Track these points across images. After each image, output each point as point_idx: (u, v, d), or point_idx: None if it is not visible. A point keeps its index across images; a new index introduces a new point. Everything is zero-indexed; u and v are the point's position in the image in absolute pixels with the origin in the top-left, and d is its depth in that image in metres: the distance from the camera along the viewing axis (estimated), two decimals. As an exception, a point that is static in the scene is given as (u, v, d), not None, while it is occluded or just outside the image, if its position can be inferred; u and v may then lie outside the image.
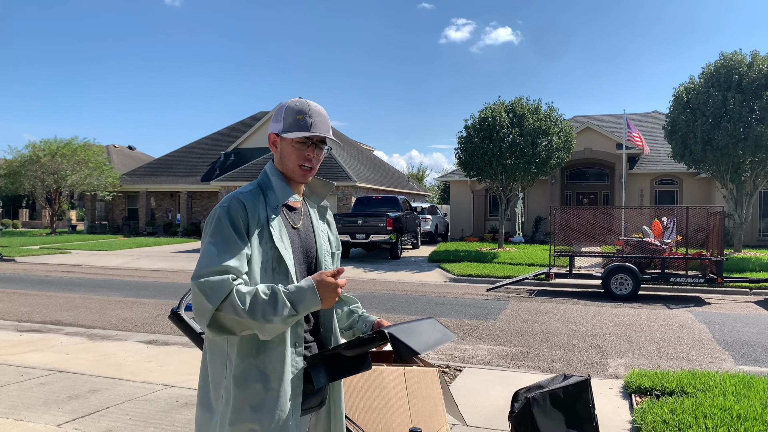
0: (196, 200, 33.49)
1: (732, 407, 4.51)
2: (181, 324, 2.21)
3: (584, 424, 4.09)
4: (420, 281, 14.68)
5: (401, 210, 20.05)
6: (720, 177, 18.02)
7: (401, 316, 9.61)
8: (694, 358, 7.05)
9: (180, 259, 18.89)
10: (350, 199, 26.95)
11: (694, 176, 24.93)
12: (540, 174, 20.04)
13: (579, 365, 6.66)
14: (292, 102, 1.91)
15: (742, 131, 16.33)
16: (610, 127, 28.22)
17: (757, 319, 9.74)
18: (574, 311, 10.43)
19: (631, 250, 13.17)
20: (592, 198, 28.13)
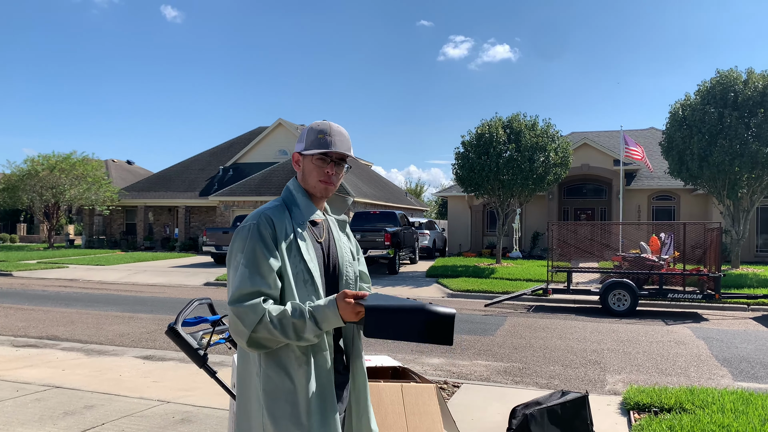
0: (194, 215, 33.49)
1: (730, 424, 4.50)
2: (178, 339, 2.21)
3: (582, 440, 4.08)
4: (418, 296, 14.64)
5: (399, 225, 20.06)
6: (717, 193, 18.09)
7: (399, 332, 9.57)
8: (693, 375, 7.03)
9: (177, 274, 18.85)
10: (348, 214, 26.95)
11: (691, 192, 25.01)
12: (537, 190, 20.10)
13: (577, 381, 6.64)
14: (315, 123, 2.05)
15: (738, 148, 16.42)
16: (607, 143, 28.35)
17: (756, 336, 9.72)
18: (572, 327, 10.40)
19: (629, 266, 13.18)
20: (590, 214, 28.19)
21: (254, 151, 34.68)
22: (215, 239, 21.39)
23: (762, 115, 16.25)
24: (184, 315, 2.34)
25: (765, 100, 16.45)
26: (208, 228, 22.07)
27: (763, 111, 16.27)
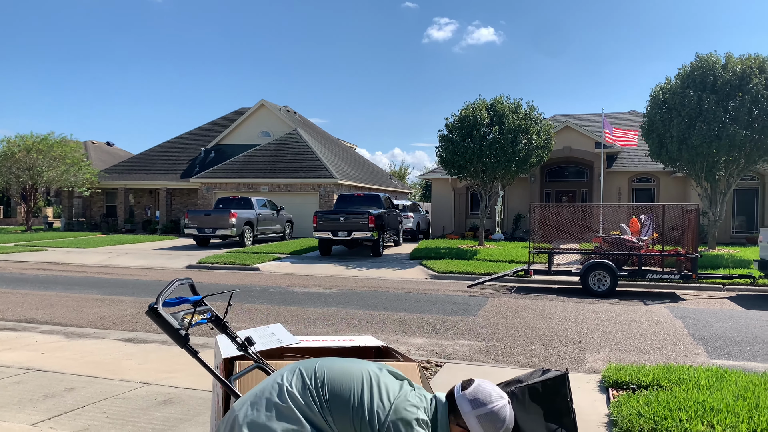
0: (175, 197, 33.19)
1: (705, 400, 4.61)
2: (159, 320, 2.21)
3: (563, 417, 4.14)
4: (401, 278, 14.72)
5: (383, 207, 20.08)
6: (695, 176, 18.32)
7: (382, 313, 9.64)
8: (670, 353, 7.17)
9: (159, 257, 18.72)
10: (332, 196, 26.90)
11: (671, 175, 25.31)
12: (520, 172, 20.20)
13: (557, 360, 6.74)
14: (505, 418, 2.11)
15: (716, 131, 16.61)
16: (589, 125, 28.52)
17: (730, 315, 9.94)
18: (553, 307, 10.54)
19: (609, 247, 13.35)
20: (571, 196, 28.43)
21: (236, 132, 34.37)
22: (197, 222, 21.24)
23: (739, 99, 16.44)
24: (165, 295, 2.33)
25: (743, 84, 16.62)
26: (190, 210, 21.88)
27: (741, 95, 16.45)
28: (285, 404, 1.92)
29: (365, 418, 1.88)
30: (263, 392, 2.01)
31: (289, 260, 18.02)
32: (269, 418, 1.91)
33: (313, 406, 1.92)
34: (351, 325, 8.61)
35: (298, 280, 14.30)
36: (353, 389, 1.93)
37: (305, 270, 16.14)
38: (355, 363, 2.07)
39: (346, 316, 9.28)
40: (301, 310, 9.89)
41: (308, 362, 2.10)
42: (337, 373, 1.98)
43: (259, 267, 16.37)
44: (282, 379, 2.01)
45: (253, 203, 22.60)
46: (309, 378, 1.99)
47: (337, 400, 1.92)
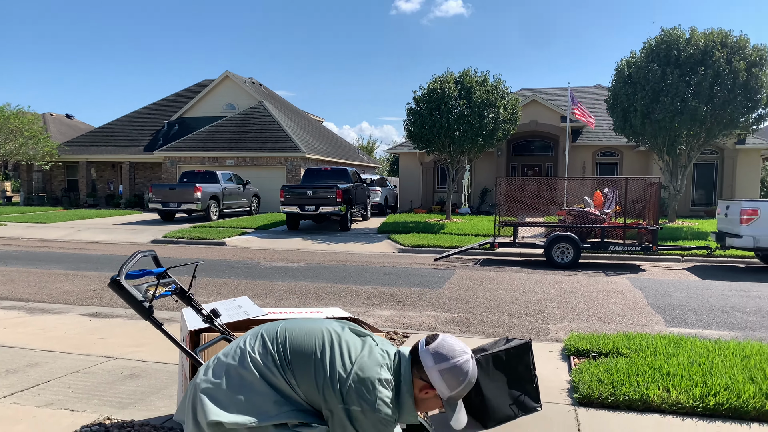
0: (139, 171, 32.49)
1: (662, 365, 4.78)
2: (122, 292, 2.18)
3: (525, 384, 4.27)
4: (369, 252, 14.78)
5: (351, 182, 20.02)
6: (657, 150, 18.70)
7: (350, 286, 9.69)
8: (629, 322, 7.40)
9: (123, 232, 18.38)
10: (299, 170, 26.70)
11: (634, 149, 25.79)
12: (487, 146, 20.32)
13: (521, 330, 6.89)
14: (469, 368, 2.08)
15: (679, 105, 16.93)
16: (555, 100, 28.76)
17: (688, 285, 10.27)
18: (518, 279, 10.74)
19: (573, 220, 13.61)
20: (537, 170, 28.77)
21: (200, 104, 33.67)
22: (162, 196, 20.86)
23: (702, 74, 16.75)
24: (128, 267, 2.30)
25: (706, 58, 16.93)
26: (154, 184, 21.46)
27: (704, 69, 16.76)
28: (247, 370, 1.92)
29: (327, 378, 1.89)
30: (226, 358, 2.00)
31: (256, 235, 17.90)
32: (231, 386, 1.91)
33: (275, 369, 1.92)
34: (319, 299, 8.64)
35: (266, 254, 14.23)
36: (315, 350, 1.93)
37: (273, 244, 16.07)
38: (316, 323, 2.06)
39: (314, 290, 9.30)
40: (269, 284, 9.87)
41: (270, 325, 2.08)
42: (299, 333, 1.98)
43: (225, 241, 16.23)
44: (245, 344, 2.00)
45: (218, 177, 22.29)
46: (271, 341, 1.98)
47: (299, 361, 1.92)
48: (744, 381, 4.42)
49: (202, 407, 1.89)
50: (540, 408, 4.25)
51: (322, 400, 1.91)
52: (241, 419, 1.85)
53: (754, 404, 4.06)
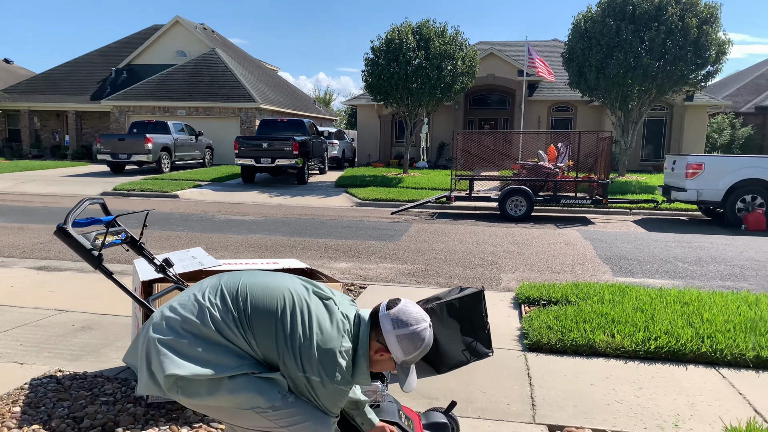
0: (86, 121, 31.22)
1: (608, 312, 4.99)
2: (69, 240, 2.11)
3: (478, 331, 4.39)
4: (327, 206, 14.73)
5: (308, 134, 19.73)
6: (611, 105, 19.02)
7: (308, 239, 9.67)
8: (578, 272, 7.66)
9: (71, 184, 17.77)
10: (254, 121, 26.15)
11: (588, 104, 26.17)
12: (445, 99, 20.26)
13: (475, 280, 7.05)
14: (425, 335, 2.07)
15: (632, 61, 17.17)
16: (513, 53, 28.74)
17: (634, 237, 10.65)
18: (472, 232, 10.92)
19: (527, 174, 13.82)
20: (493, 124, 28.95)
21: (150, 51, 32.33)
22: (110, 147, 20.15)
23: (655, 30, 16.96)
24: (74, 215, 2.22)
25: (660, 14, 17.12)
26: (102, 135, 20.68)
27: (657, 25, 16.96)
28: (206, 326, 1.89)
29: (288, 345, 1.88)
30: (183, 310, 1.96)
31: (210, 187, 17.58)
32: (189, 339, 1.88)
33: (235, 329, 1.90)
34: (276, 252, 8.61)
35: (220, 207, 14.03)
36: (277, 314, 1.90)
37: (227, 197, 15.83)
38: (280, 281, 2.03)
39: (271, 243, 9.26)
40: (224, 237, 9.76)
41: (231, 278, 2.04)
42: (261, 294, 1.95)
43: (178, 194, 15.90)
44: (204, 297, 1.96)
45: (169, 128, 21.63)
46: (231, 298, 1.95)
47: (260, 324, 1.90)
48: (683, 326, 4.66)
49: (158, 359, 1.86)
50: (491, 353, 4.39)
51: (281, 364, 1.91)
52: (199, 371, 1.84)
53: (691, 347, 4.30)
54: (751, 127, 29.50)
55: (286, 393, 1.91)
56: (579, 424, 3.32)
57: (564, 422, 3.35)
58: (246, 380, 1.87)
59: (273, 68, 42.94)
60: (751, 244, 9.95)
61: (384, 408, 2.56)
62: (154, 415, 3.21)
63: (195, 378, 1.84)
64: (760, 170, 11.87)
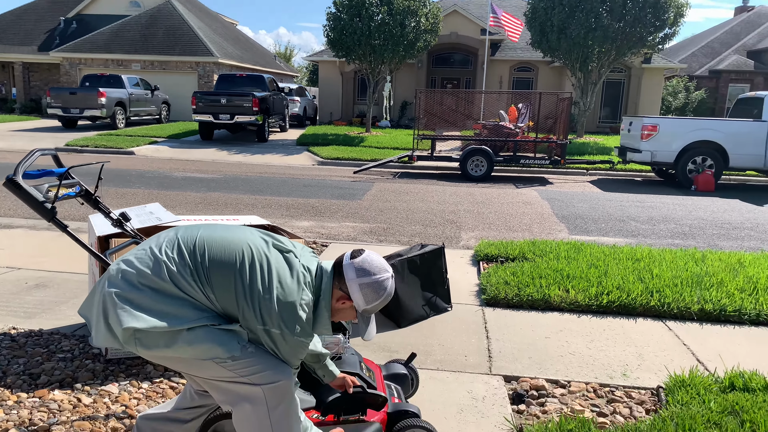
0: (34, 73, 29.79)
1: (563, 268, 5.14)
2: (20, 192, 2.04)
3: (437, 287, 4.48)
4: (288, 164, 14.57)
5: (268, 90, 19.32)
6: (571, 66, 19.15)
7: (269, 198, 9.59)
8: (536, 230, 7.83)
9: (20, 138, 17.06)
10: (212, 76, 25.43)
11: (549, 65, 26.30)
12: (408, 56, 20.05)
13: (435, 239, 7.14)
14: (387, 284, 2.09)
15: (593, 22, 17.25)
16: (476, 12, 28.50)
17: (591, 196, 10.91)
18: (434, 191, 11.00)
19: (488, 134, 13.91)
20: (456, 83, 28.87)
21: (101, 1, 30.83)
22: (61, 101, 19.35)
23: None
24: (25, 166, 2.14)
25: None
26: (53, 88, 19.82)
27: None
28: (164, 281, 1.87)
29: (248, 299, 1.88)
30: (140, 264, 1.93)
31: (167, 144, 17.14)
32: (147, 293, 1.86)
33: (193, 283, 1.88)
34: (236, 210, 8.52)
35: (178, 164, 13.73)
36: (235, 268, 1.89)
37: (185, 154, 15.48)
38: (239, 234, 2.00)
39: (231, 201, 9.14)
40: (182, 194, 9.59)
41: (188, 231, 2.01)
42: (219, 247, 1.93)
43: (134, 151, 15.47)
44: (161, 251, 1.93)
45: (124, 82, 20.86)
46: (188, 252, 1.92)
47: (218, 278, 1.89)
48: (634, 281, 4.84)
49: (115, 312, 1.84)
50: (450, 308, 4.49)
51: (240, 317, 1.92)
52: (157, 324, 1.83)
53: (641, 301, 4.48)
54: (704, 91, 30.20)
55: (245, 343, 1.92)
56: (533, 375, 3.45)
57: (519, 373, 3.47)
58: (205, 331, 1.87)
59: (232, 22, 41.57)
60: (699, 204, 10.32)
61: (345, 360, 2.61)
62: (113, 371, 3.20)
63: (153, 330, 1.83)
64: (712, 132, 12.23)
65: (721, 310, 4.38)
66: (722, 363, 3.67)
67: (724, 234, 7.92)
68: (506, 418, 2.95)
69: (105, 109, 19.31)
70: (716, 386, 3.17)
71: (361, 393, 2.43)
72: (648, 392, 3.30)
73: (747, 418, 2.78)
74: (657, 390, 3.26)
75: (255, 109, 17.38)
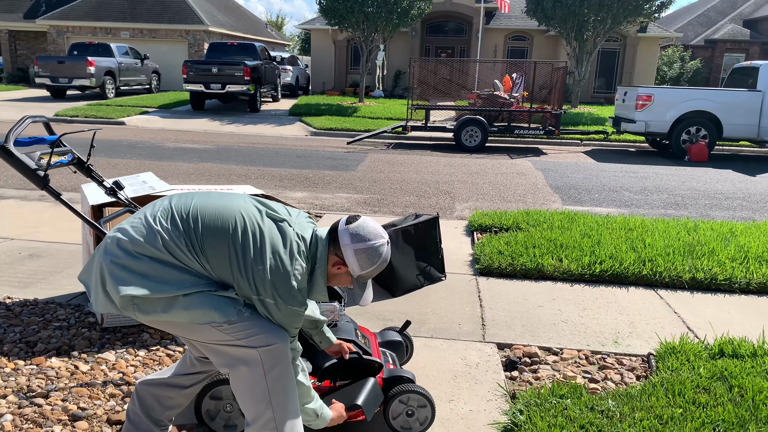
0: (21, 41, 29.24)
1: (557, 238, 5.17)
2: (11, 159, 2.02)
3: (431, 256, 4.50)
4: (281, 135, 14.46)
5: (260, 59, 19.06)
6: (566, 35, 18.96)
7: (262, 169, 9.54)
8: (530, 201, 7.84)
9: (8, 109, 16.82)
10: (203, 45, 25.04)
11: (544, 33, 26.03)
12: (401, 24, 19.77)
13: (429, 209, 7.15)
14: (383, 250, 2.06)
15: (589, -10, 17.03)
16: (471, -20, 28.05)
17: (584, 167, 10.92)
18: (428, 162, 10.97)
19: (483, 104, 13.83)
20: (450, 52, 28.56)
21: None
22: (49, 70, 19.03)
23: (614, -42, 16.78)
24: (16, 133, 2.11)
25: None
26: (40, 57, 19.46)
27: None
28: (159, 251, 1.87)
29: (242, 269, 1.88)
30: (135, 232, 1.91)
31: (158, 114, 16.95)
32: (143, 261, 1.86)
33: (188, 253, 1.88)
34: (229, 180, 8.48)
35: (169, 135, 13.60)
36: (229, 238, 1.88)
37: (176, 125, 15.33)
38: (232, 203, 1.98)
39: (224, 172, 9.09)
40: (174, 165, 9.52)
41: (181, 200, 1.99)
42: (212, 217, 1.92)
43: (125, 121, 15.29)
44: (155, 221, 1.91)
45: (113, 50, 20.51)
46: (182, 222, 1.91)
47: (212, 249, 1.89)
48: (626, 250, 4.88)
49: (112, 280, 1.85)
50: (444, 278, 4.52)
51: (236, 286, 1.93)
52: (155, 291, 1.84)
53: (633, 270, 4.52)
54: (699, 61, 30.05)
55: (242, 307, 1.93)
56: (526, 342, 3.50)
57: (512, 340, 3.51)
58: (201, 296, 1.88)
59: (222, -11, 40.75)
60: (692, 175, 10.35)
61: (341, 327, 2.63)
62: (109, 339, 3.21)
63: (151, 297, 1.84)
64: (706, 102, 12.20)
65: (712, 278, 4.43)
66: (712, 330, 3.73)
67: (717, 204, 7.97)
68: (499, 384, 3.00)
69: (94, 78, 19.02)
70: (706, 353, 3.22)
71: (357, 359, 2.46)
72: (639, 359, 3.35)
73: (735, 384, 2.83)
74: (648, 357, 3.31)
75: (246, 79, 17.17)
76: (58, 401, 2.60)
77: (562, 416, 2.55)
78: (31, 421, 2.46)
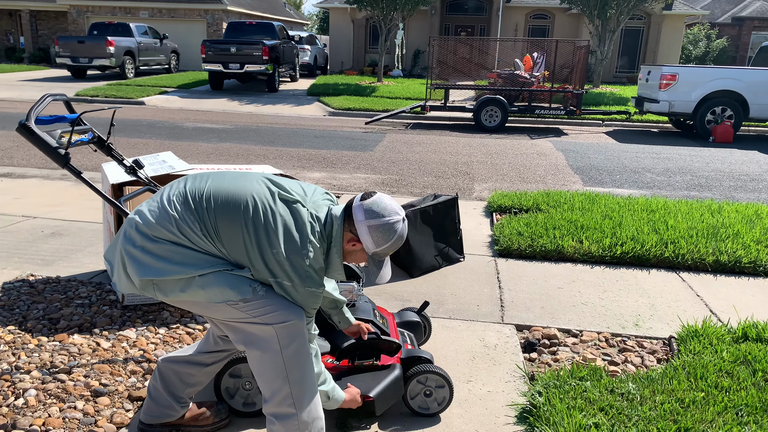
0: (41, 21, 29.44)
1: (577, 219, 5.10)
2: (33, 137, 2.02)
3: (450, 237, 4.47)
4: (299, 115, 14.44)
5: (278, 38, 18.98)
6: (589, 12, 18.60)
7: (280, 149, 9.54)
8: (550, 181, 7.75)
9: (29, 88, 16.99)
10: (221, 24, 24.99)
11: (566, 11, 25.55)
12: (421, 3, 19.53)
13: (448, 190, 7.10)
14: (399, 226, 2.01)
15: (613, -34, 16.64)
16: (491, -44, 27.56)
17: (606, 147, 10.75)
18: (447, 142, 10.88)
19: (503, 83, 13.64)
20: (470, 31, 28.18)
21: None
22: (70, 50, 19.15)
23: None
24: (37, 111, 2.11)
25: None
26: (61, 37, 19.58)
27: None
28: (175, 235, 1.88)
29: (255, 252, 1.88)
30: (151, 215, 1.92)
31: (177, 94, 17.01)
32: (161, 244, 1.87)
33: (204, 237, 1.88)
34: (247, 160, 8.50)
35: (188, 114, 13.65)
36: (241, 222, 1.87)
37: (195, 105, 15.37)
38: (245, 185, 1.96)
39: (242, 152, 9.11)
40: (193, 145, 9.56)
41: (195, 184, 1.98)
42: (224, 202, 1.91)
43: (144, 101, 15.37)
44: (170, 206, 1.91)
45: (132, 30, 20.57)
46: (196, 206, 1.90)
47: (227, 234, 1.88)
48: (648, 232, 4.80)
49: (132, 264, 1.87)
50: (463, 259, 4.50)
51: (252, 269, 1.93)
52: (173, 273, 1.86)
53: (654, 252, 4.45)
54: (725, 39, 29.33)
55: (257, 286, 1.93)
56: (545, 324, 3.47)
57: (531, 322, 3.49)
58: (216, 276, 1.89)
59: (240, -33, 40.54)
60: (717, 156, 10.15)
61: (359, 307, 2.62)
62: (130, 317, 3.25)
63: (169, 279, 1.86)
64: (732, 82, 11.91)
65: (736, 261, 4.35)
66: (736, 314, 3.67)
67: (742, 186, 7.81)
68: (518, 365, 2.98)
69: (114, 58, 19.11)
70: (729, 336, 3.17)
71: (376, 339, 2.46)
72: (660, 342, 3.31)
73: (759, 368, 2.79)
74: (669, 340, 3.27)
75: (265, 58, 17.12)
76: (81, 377, 2.64)
77: (582, 398, 2.53)
78: (55, 396, 2.50)
